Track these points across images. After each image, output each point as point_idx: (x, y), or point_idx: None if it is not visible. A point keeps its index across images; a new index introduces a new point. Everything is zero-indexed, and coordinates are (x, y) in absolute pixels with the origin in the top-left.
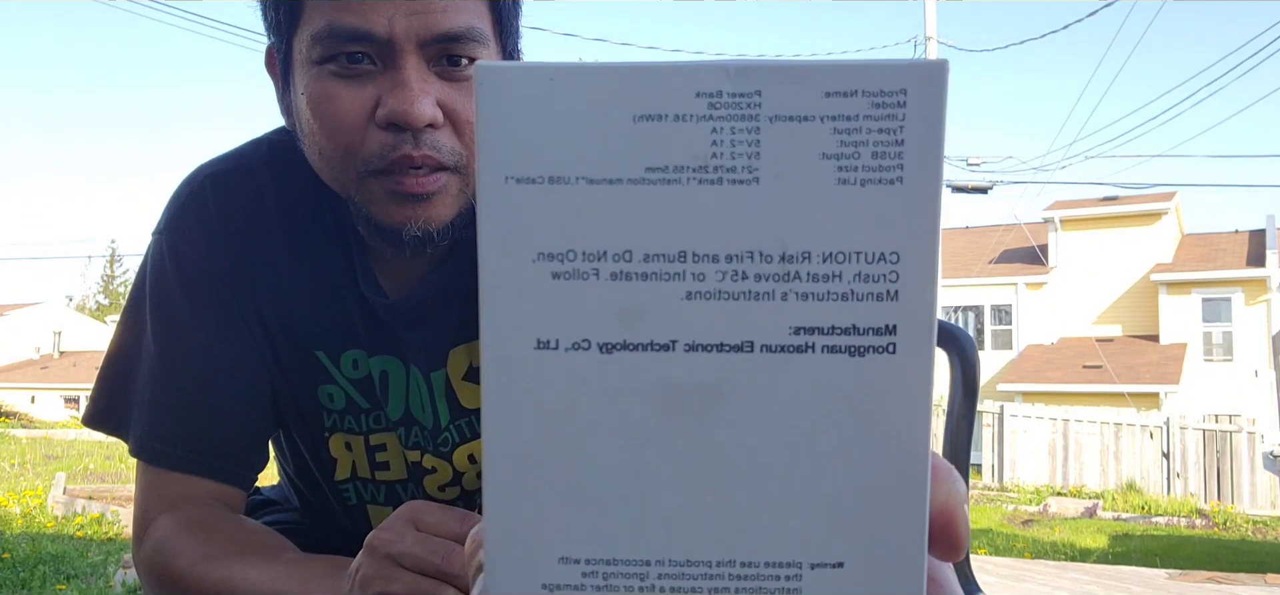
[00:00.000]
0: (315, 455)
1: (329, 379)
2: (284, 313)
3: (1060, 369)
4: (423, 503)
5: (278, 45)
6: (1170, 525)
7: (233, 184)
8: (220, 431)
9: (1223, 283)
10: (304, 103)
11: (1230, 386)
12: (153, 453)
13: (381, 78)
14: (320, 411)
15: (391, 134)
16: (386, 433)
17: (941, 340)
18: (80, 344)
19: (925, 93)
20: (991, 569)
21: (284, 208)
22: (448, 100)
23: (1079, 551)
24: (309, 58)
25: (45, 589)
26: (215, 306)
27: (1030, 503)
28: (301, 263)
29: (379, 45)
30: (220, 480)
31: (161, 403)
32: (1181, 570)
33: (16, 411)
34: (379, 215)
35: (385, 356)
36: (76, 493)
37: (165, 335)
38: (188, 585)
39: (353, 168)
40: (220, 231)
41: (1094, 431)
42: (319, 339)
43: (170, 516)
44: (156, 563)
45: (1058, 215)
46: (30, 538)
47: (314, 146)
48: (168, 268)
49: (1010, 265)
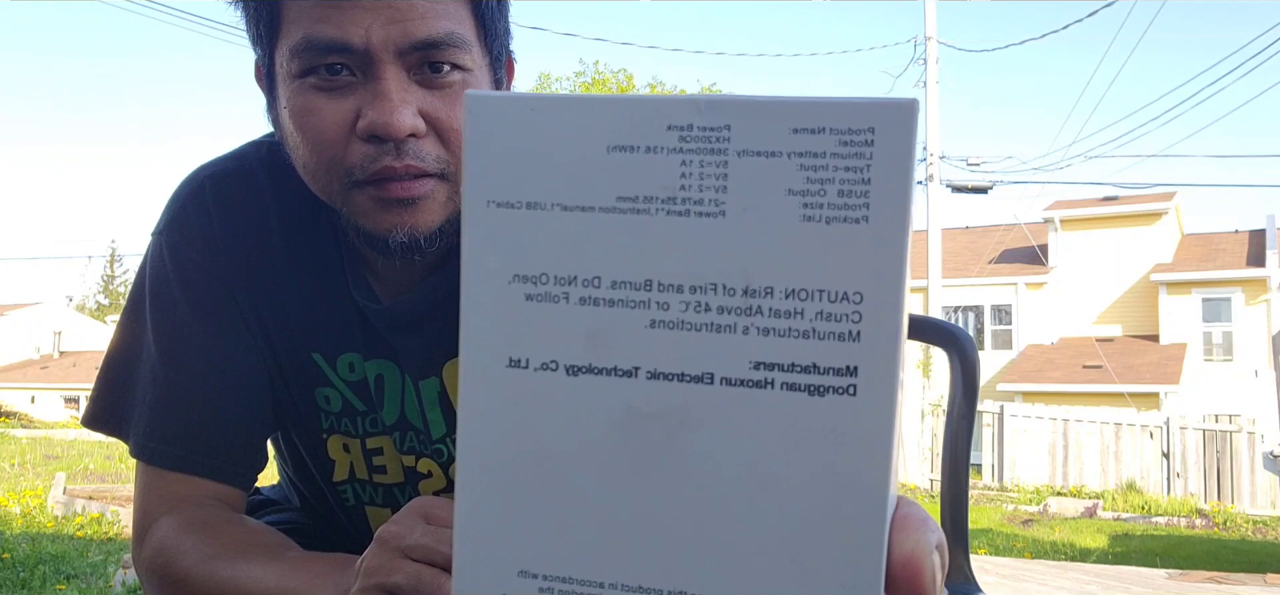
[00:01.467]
0: (314, 456)
1: (325, 382)
2: (282, 314)
3: (1060, 369)
4: (434, 498)
5: (262, 58)
6: (1170, 525)
7: (232, 185)
8: (220, 432)
9: (1223, 283)
10: (287, 116)
11: (1230, 386)
12: (153, 453)
13: (362, 89)
14: (318, 413)
15: (373, 145)
16: (382, 436)
17: (941, 340)
18: (80, 344)
19: (893, 132)
20: (991, 569)
21: (282, 209)
22: (429, 108)
23: (1079, 551)
24: (289, 71)
25: (45, 589)
26: (215, 307)
27: (1030, 503)
28: (298, 265)
29: (357, 56)
30: (221, 480)
31: (162, 403)
32: (1181, 570)
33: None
34: (366, 223)
35: (381, 361)
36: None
37: (165, 336)
38: (192, 585)
39: (337, 180)
40: (220, 232)
41: (1094, 431)
42: (315, 341)
43: (172, 517)
44: (159, 563)
45: (1058, 215)
46: (30, 538)
47: (299, 159)
48: (168, 268)
49: (1010, 265)
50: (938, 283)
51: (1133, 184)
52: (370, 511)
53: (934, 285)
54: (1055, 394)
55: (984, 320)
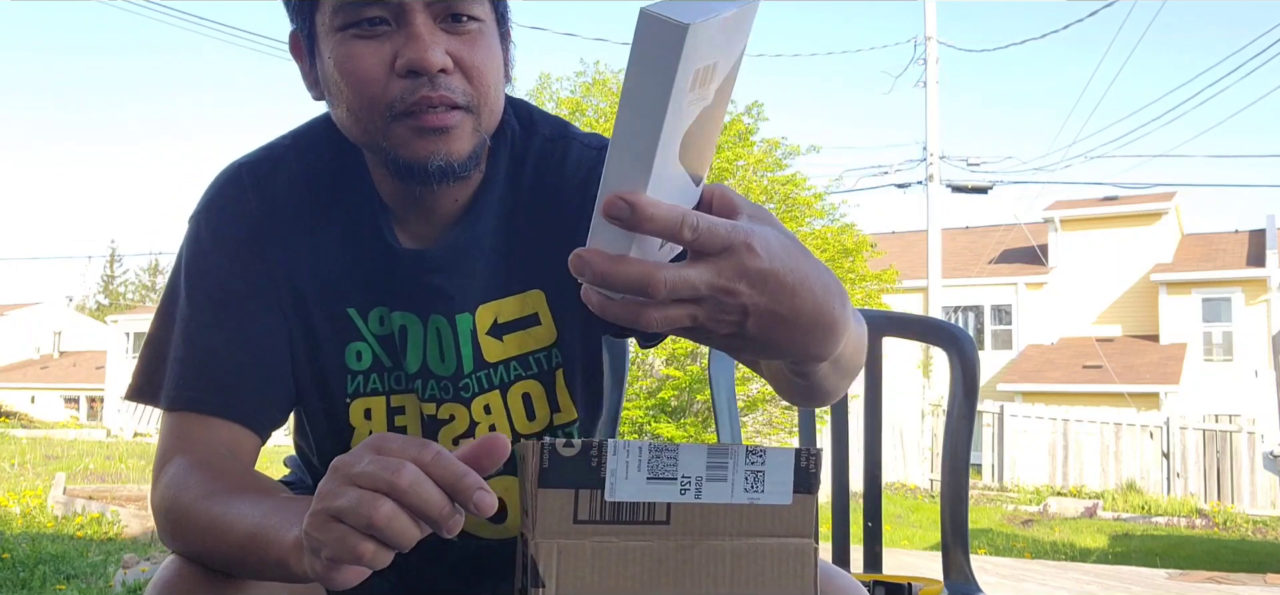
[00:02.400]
0: (334, 424)
1: (358, 336)
2: (317, 275)
3: (1060, 369)
4: (388, 434)
5: (301, 27)
6: (1170, 525)
7: (265, 169)
8: (241, 380)
9: (1223, 283)
10: (331, 66)
11: (1230, 386)
12: (175, 400)
13: (396, 35)
14: (346, 375)
15: (410, 80)
16: (406, 394)
17: (941, 340)
18: (80, 344)
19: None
20: (991, 569)
21: (311, 181)
22: (454, 50)
23: (1079, 551)
24: (331, 27)
25: (45, 589)
26: (246, 274)
27: (1030, 503)
28: (330, 227)
29: (392, 7)
30: (237, 421)
31: (191, 357)
32: (1181, 570)
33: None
34: (405, 154)
35: (406, 313)
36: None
37: (198, 298)
38: (189, 519)
39: (379, 114)
40: (258, 210)
41: (1094, 431)
42: (349, 297)
43: (183, 457)
44: (166, 498)
45: (1058, 215)
46: (30, 538)
47: (342, 103)
48: (204, 241)
49: (1010, 265)
50: (938, 283)
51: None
52: None
53: (934, 285)
54: (1055, 394)
55: (984, 320)
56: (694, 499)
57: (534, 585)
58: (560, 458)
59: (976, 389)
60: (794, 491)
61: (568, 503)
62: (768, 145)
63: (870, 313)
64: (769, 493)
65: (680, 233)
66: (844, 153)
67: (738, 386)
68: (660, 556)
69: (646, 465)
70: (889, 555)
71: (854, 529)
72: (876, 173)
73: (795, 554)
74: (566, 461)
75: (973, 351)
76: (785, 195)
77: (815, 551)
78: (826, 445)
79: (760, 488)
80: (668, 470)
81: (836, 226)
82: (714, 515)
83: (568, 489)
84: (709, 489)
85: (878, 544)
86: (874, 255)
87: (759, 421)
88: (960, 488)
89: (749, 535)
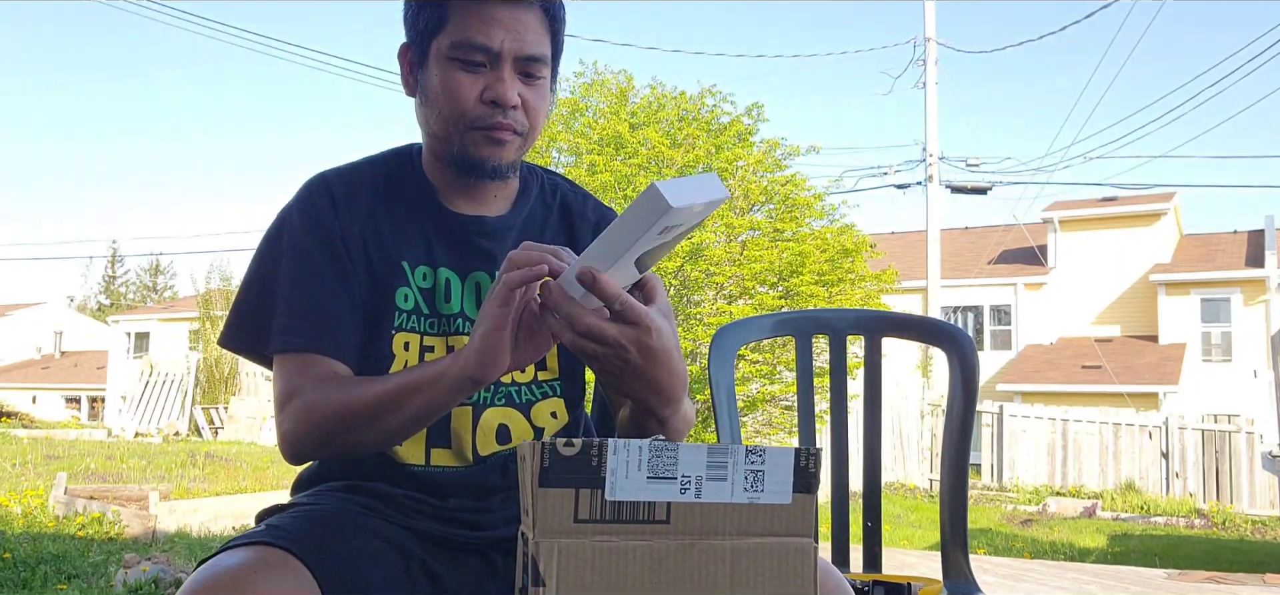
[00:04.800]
0: (378, 349)
1: (406, 281)
2: (378, 236)
3: (1059, 369)
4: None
5: (415, 43)
6: (1169, 525)
7: (345, 170)
8: (336, 323)
9: (1222, 283)
10: (436, 81)
11: (1229, 387)
12: (288, 343)
13: (488, 73)
14: (393, 311)
15: (491, 108)
16: (437, 337)
17: (941, 341)
18: (81, 344)
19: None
20: (991, 569)
21: (379, 181)
22: (523, 94)
23: (1078, 551)
24: (444, 54)
25: (46, 589)
26: (327, 245)
27: (1029, 503)
28: (393, 204)
29: (491, 55)
30: (338, 357)
31: (295, 309)
32: (1180, 570)
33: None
34: (473, 153)
35: (447, 269)
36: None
37: (296, 265)
38: (347, 409)
39: (462, 123)
40: (337, 193)
41: (1093, 432)
42: (403, 252)
43: (310, 384)
44: (309, 410)
45: (1057, 216)
46: (31, 537)
47: (436, 109)
48: (297, 221)
49: (1009, 266)
50: (937, 283)
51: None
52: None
53: (933, 286)
54: (1054, 394)
55: (983, 321)
56: (694, 498)
57: (535, 584)
58: (560, 457)
59: (976, 389)
60: (793, 491)
61: (568, 502)
62: (767, 146)
63: (870, 313)
64: (768, 492)
65: (614, 304)
66: (844, 153)
67: (738, 387)
68: (660, 555)
69: (646, 464)
70: (888, 555)
71: (853, 528)
72: (876, 173)
73: (795, 553)
74: (567, 461)
75: (972, 352)
76: (785, 196)
77: (815, 551)
78: (826, 445)
79: (760, 487)
80: (668, 469)
81: (836, 227)
82: (714, 514)
83: (568, 488)
84: (709, 488)
85: (877, 544)
86: (873, 256)
87: (759, 421)
88: (959, 488)
89: (749, 534)
